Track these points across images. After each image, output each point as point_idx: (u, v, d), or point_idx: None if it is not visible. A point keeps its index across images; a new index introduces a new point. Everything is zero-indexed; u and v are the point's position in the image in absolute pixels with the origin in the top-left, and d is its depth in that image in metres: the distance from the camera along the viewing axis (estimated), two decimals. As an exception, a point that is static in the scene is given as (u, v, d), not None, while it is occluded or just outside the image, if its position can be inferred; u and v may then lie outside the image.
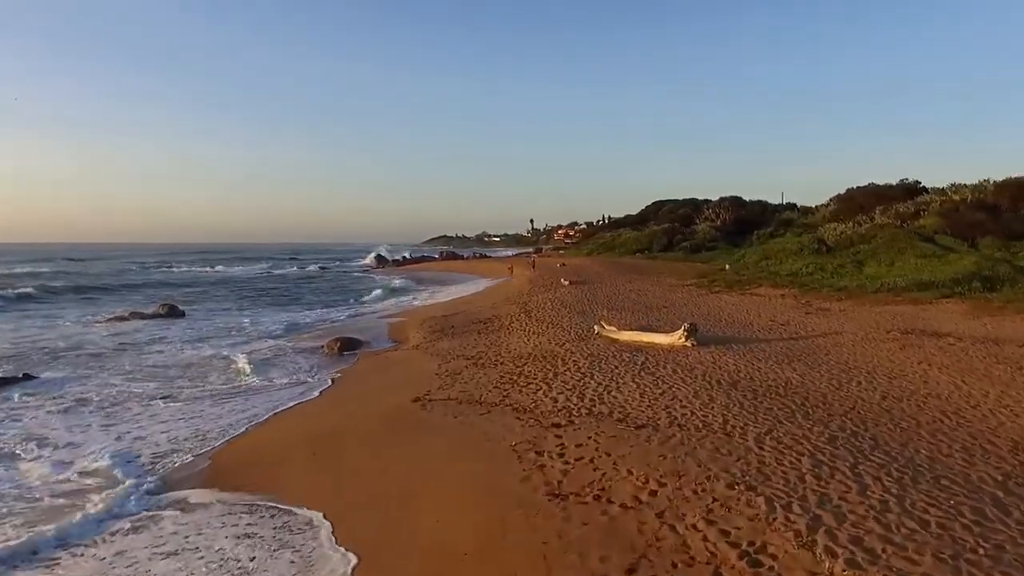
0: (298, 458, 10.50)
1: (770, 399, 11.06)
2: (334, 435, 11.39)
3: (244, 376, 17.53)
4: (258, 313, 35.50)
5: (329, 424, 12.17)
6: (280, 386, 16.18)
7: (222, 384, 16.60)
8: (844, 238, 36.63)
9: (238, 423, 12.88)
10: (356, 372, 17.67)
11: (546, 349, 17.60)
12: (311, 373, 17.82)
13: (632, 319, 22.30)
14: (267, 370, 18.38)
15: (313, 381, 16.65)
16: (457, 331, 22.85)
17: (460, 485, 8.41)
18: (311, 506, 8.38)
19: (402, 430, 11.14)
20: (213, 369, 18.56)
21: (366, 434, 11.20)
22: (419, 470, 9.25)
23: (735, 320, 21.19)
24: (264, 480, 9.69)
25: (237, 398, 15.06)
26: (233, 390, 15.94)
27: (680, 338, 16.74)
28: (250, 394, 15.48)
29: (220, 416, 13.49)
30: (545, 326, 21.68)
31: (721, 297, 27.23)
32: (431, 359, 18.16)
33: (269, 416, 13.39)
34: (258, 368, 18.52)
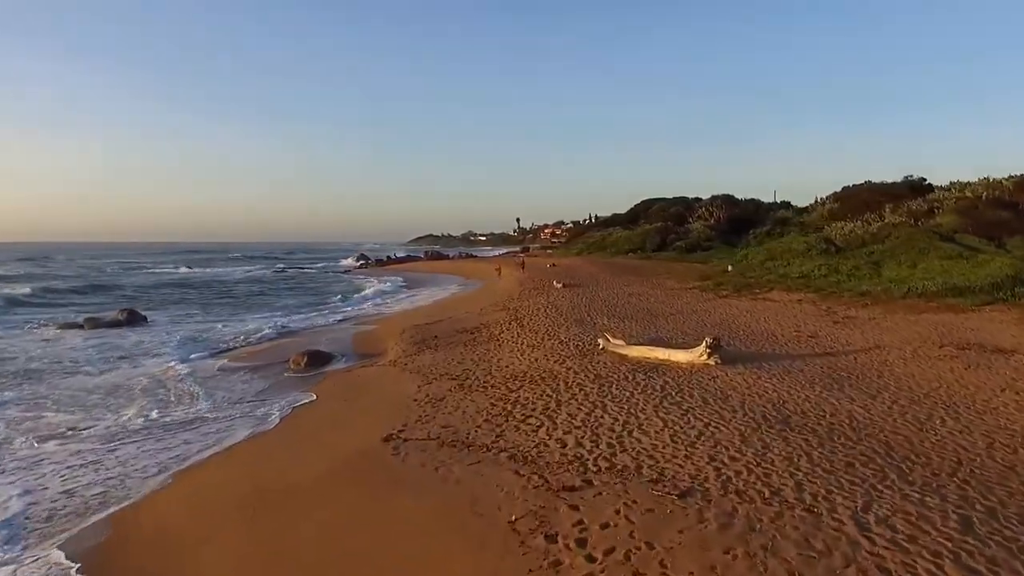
0: (227, 530, 7.87)
1: (842, 447, 8.57)
2: (279, 493, 8.75)
3: (186, 402, 14.80)
4: (226, 319, 32.73)
5: (275, 475, 9.51)
6: (226, 417, 13.44)
7: (156, 413, 13.84)
8: (854, 238, 34.43)
9: (159, 471, 10.18)
10: (320, 397, 14.99)
11: (544, 367, 15.05)
12: (267, 398, 15.12)
13: (638, 329, 19.81)
14: (216, 393, 15.68)
15: (267, 410, 13.94)
16: (440, 342, 20.24)
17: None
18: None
19: (366, 487, 8.53)
20: (150, 392, 15.79)
21: (319, 494, 8.56)
22: (381, 560, 6.66)
23: (755, 331, 18.76)
24: (171, 567, 7.06)
25: (169, 433, 12.33)
26: (167, 422, 13.20)
27: (702, 355, 14.25)
28: (187, 427, 12.75)
29: (135, 460, 10.76)
30: (540, 337, 19.13)
31: (731, 302, 24.83)
32: (410, 378, 15.56)
33: (203, 460, 10.72)
34: (207, 391, 15.83)
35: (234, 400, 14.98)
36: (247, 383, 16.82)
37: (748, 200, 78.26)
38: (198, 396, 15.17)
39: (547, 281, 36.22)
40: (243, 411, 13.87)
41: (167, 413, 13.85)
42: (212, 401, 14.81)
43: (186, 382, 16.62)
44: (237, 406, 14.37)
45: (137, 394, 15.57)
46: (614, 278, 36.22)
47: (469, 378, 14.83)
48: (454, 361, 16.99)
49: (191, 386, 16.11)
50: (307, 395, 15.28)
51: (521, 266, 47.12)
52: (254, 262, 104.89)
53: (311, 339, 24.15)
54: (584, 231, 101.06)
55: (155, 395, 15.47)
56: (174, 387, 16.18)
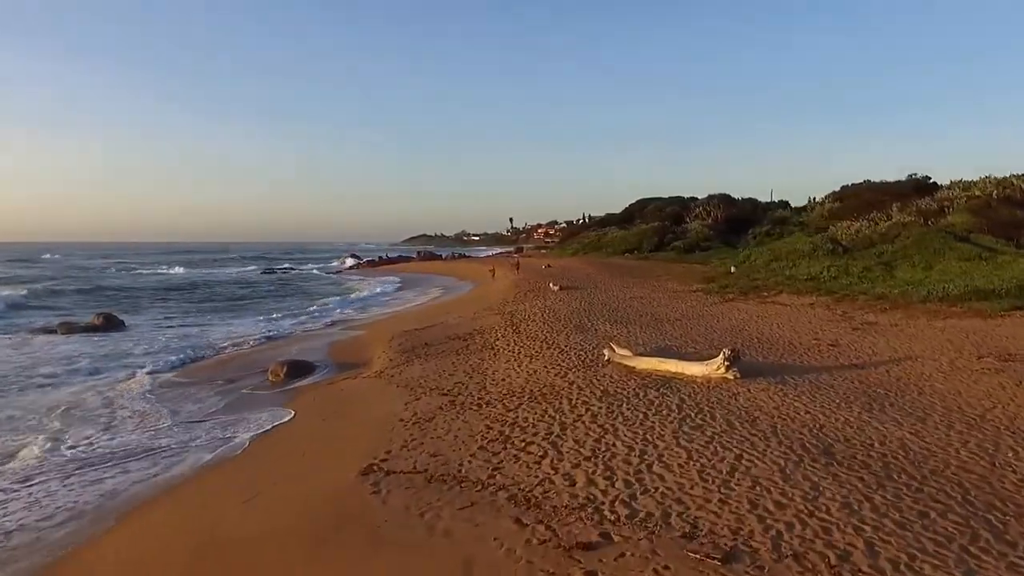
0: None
1: (907, 488, 7.20)
2: (230, 550, 7.30)
3: (142, 423, 13.28)
4: (209, 323, 31.21)
5: (230, 524, 8.05)
6: (185, 442, 11.91)
7: (106, 436, 12.30)
8: (862, 238, 33.21)
9: (78, 518, 8.66)
10: (298, 414, 13.55)
11: (544, 381, 13.65)
12: (239, 416, 13.64)
13: (643, 336, 18.44)
14: (182, 410, 14.22)
15: (235, 431, 12.46)
16: (431, 350, 18.82)
17: None
18: None
19: (337, 546, 7.08)
20: (103, 410, 14.23)
21: (281, 553, 7.11)
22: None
23: (770, 338, 17.41)
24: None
25: (111, 463, 10.80)
26: (113, 448, 11.66)
27: (719, 368, 12.87)
28: (134, 455, 11.16)
29: (54, 503, 9.19)
30: (538, 345, 17.73)
31: (738, 306, 23.50)
32: (396, 393, 14.15)
33: (144, 500, 9.23)
34: (171, 408, 14.36)
35: (200, 418, 13.49)
36: (219, 397, 15.34)
37: (745, 199, 77.22)
38: (159, 415, 13.66)
39: (543, 283, 34.82)
40: (208, 433, 12.36)
41: (116, 436, 12.29)
42: (173, 421, 13.30)
43: (148, 398, 15.14)
44: (202, 426, 12.88)
45: (87, 412, 14.00)
46: (613, 280, 34.86)
47: (462, 393, 13.42)
48: (445, 373, 15.58)
49: (153, 403, 14.63)
50: (283, 412, 13.83)
51: (516, 267, 45.72)
52: (247, 263, 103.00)
53: (294, 346, 22.69)
54: (579, 231, 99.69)
55: (108, 414, 13.90)
56: (132, 404, 14.65)
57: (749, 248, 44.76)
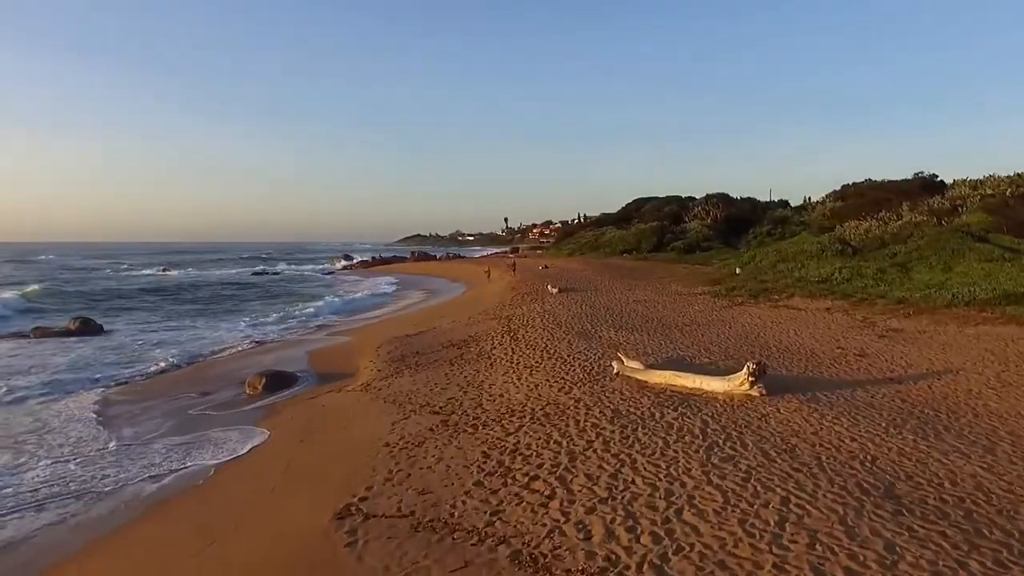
0: None
1: (1005, 548, 5.84)
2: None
3: (79, 450, 11.77)
4: (191, 328, 29.73)
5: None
6: (134, 473, 10.47)
7: (37, 472, 10.82)
8: (872, 238, 31.94)
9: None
10: (272, 436, 12.15)
11: (547, 397, 12.27)
12: (205, 438, 12.20)
13: (651, 344, 17.09)
14: (138, 432, 12.76)
15: (198, 457, 11.05)
16: (423, 359, 17.43)
17: None
18: None
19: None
20: (24, 436, 12.69)
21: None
22: None
23: (789, 347, 16.08)
24: None
25: (22, 510, 9.32)
26: (28, 484, 10.17)
27: (742, 383, 11.52)
28: (61, 495, 9.74)
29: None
30: (539, 355, 16.35)
31: (749, 311, 22.16)
32: (383, 410, 12.76)
33: (76, 553, 7.81)
34: (127, 430, 12.92)
35: (157, 442, 12.03)
36: (185, 415, 13.90)
37: (744, 199, 76.04)
38: (102, 439, 12.16)
39: (541, 285, 33.44)
40: (163, 461, 10.89)
41: (35, 467, 10.82)
42: (122, 445, 11.81)
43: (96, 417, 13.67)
44: (156, 452, 11.39)
45: (9, 436, 12.50)
46: (614, 282, 33.50)
47: (455, 411, 12.04)
48: (438, 386, 14.19)
49: (96, 424, 13.16)
50: (257, 433, 12.44)
51: (512, 268, 44.29)
52: (241, 264, 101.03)
53: (277, 353, 21.27)
54: (574, 231, 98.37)
55: (37, 439, 12.38)
56: (70, 425, 13.15)
57: (752, 248, 43.46)
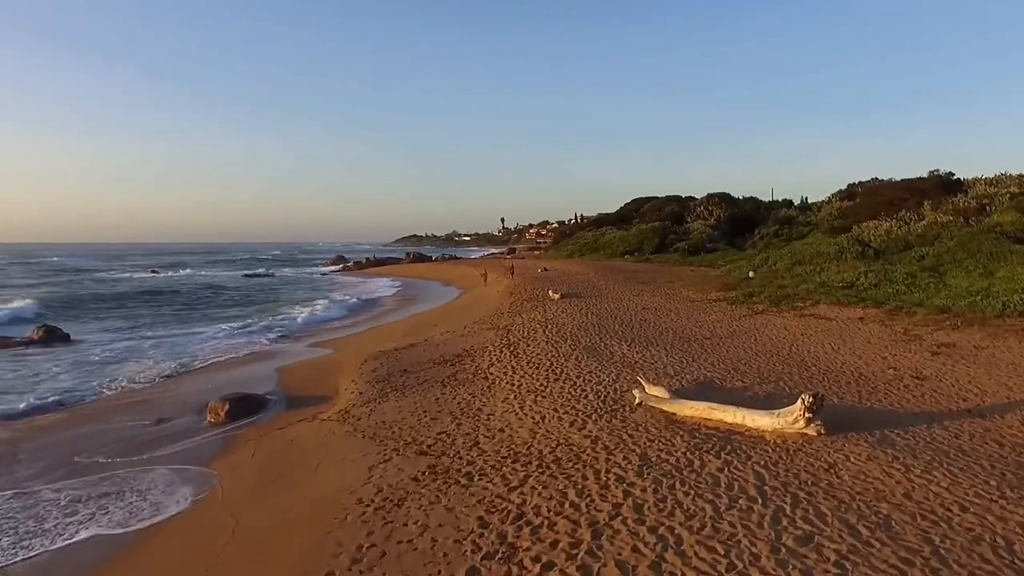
0: None
1: None
2: None
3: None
4: (164, 336, 27.60)
5: None
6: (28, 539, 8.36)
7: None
8: (894, 239, 29.96)
9: None
10: (218, 484, 10.05)
11: (556, 434, 10.18)
12: (136, 487, 10.07)
13: (669, 360, 15.01)
14: (38, 475, 10.63)
15: (120, 517, 8.92)
16: (411, 379, 15.35)
17: None
18: None
19: None
20: None
21: None
22: None
23: (830, 366, 14.03)
24: None
25: None
26: None
27: (796, 420, 9.45)
28: None
29: None
30: (543, 375, 14.26)
31: (773, 320, 20.10)
32: (360, 448, 10.70)
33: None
34: (28, 472, 10.79)
35: (66, 489, 9.90)
36: (126, 450, 11.74)
37: (747, 199, 74.24)
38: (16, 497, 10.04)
39: (541, 290, 31.35)
40: (60, 522, 8.78)
41: None
42: (20, 494, 9.72)
43: (15, 449, 11.55)
44: (55, 508, 9.28)
45: None
46: (619, 286, 31.41)
47: (447, 452, 9.96)
48: (427, 415, 12.12)
49: (13, 462, 11.04)
50: (202, 479, 10.33)
51: (510, 271, 42.03)
52: (235, 266, 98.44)
53: (252, 368, 19.17)
54: (573, 231, 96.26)
55: None
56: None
57: (764, 250, 41.44)
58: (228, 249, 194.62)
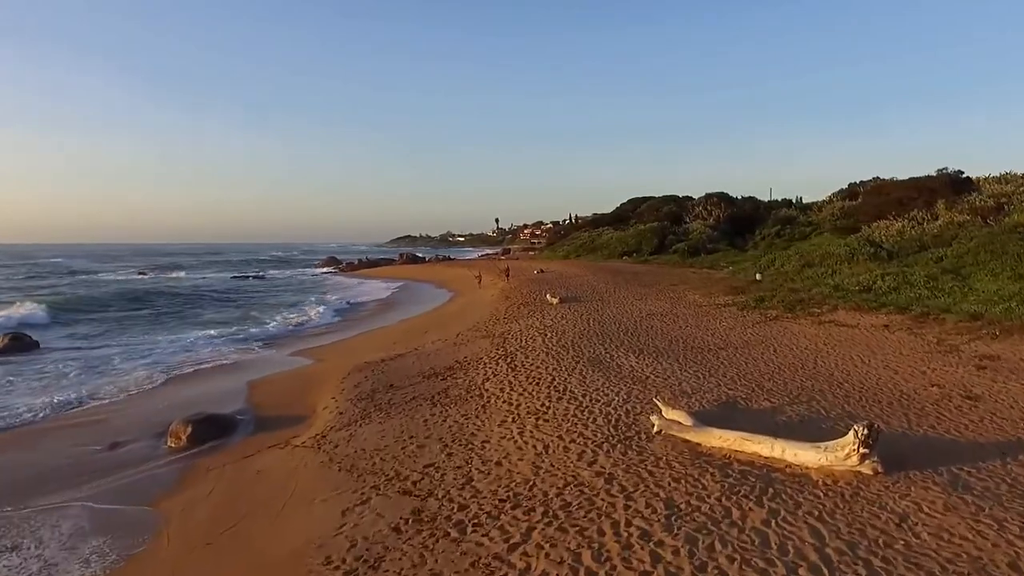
0: None
1: None
2: None
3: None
4: (138, 344, 25.92)
5: None
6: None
7: None
8: (908, 239, 28.60)
9: None
10: (166, 528, 8.50)
11: (563, 470, 8.69)
12: (59, 542, 8.50)
13: (683, 375, 13.53)
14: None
15: None
16: (397, 396, 13.84)
17: None
18: None
19: None
20: None
21: None
22: None
23: (864, 383, 12.57)
24: None
25: None
26: None
27: (848, 455, 7.96)
28: None
29: None
30: (544, 392, 12.76)
31: (790, 327, 18.65)
32: (334, 485, 9.20)
33: None
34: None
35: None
36: (64, 483, 10.12)
37: (746, 198, 72.96)
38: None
39: (538, 293, 29.85)
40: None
41: None
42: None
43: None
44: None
45: None
46: (620, 290, 29.93)
47: (434, 491, 8.48)
48: (413, 441, 10.61)
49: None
50: (142, 525, 8.79)
51: (505, 274, 40.52)
52: (228, 267, 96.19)
53: (226, 381, 17.60)
54: (569, 232, 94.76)
55: None
56: None
57: (766, 251, 40.05)
58: (226, 250, 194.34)
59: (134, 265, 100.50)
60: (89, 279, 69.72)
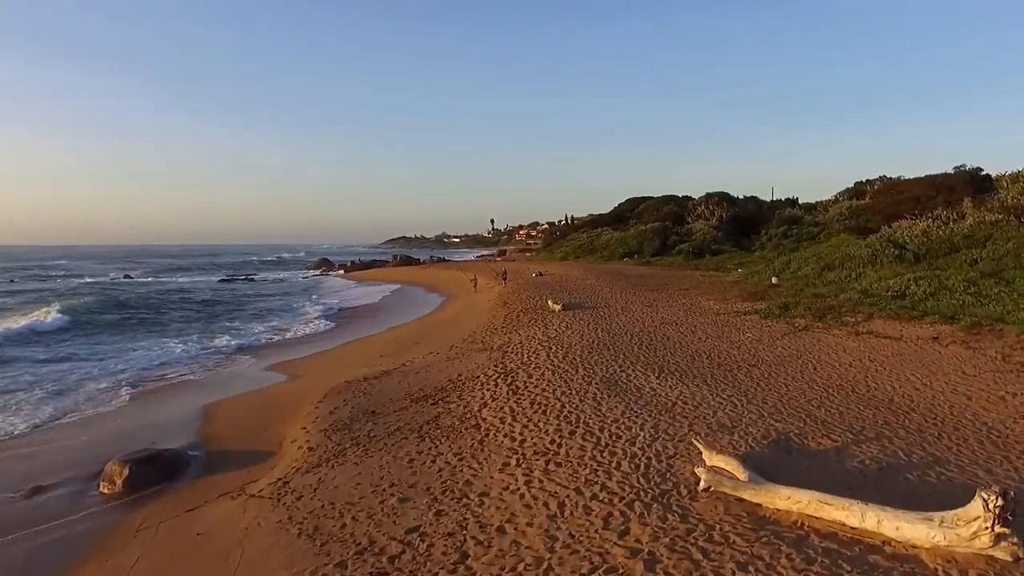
0: None
1: None
2: None
3: None
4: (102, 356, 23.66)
5: None
6: None
7: None
8: (936, 240, 26.60)
9: None
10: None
11: (587, 545, 6.61)
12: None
13: (718, 402, 11.45)
14: None
15: None
16: (379, 427, 11.76)
17: None
18: None
19: None
20: None
21: None
22: None
23: (936, 413, 10.53)
24: None
25: None
26: None
27: (976, 533, 5.90)
28: None
29: None
30: (553, 424, 10.67)
31: (824, 339, 16.61)
32: (287, 561, 7.16)
33: None
34: None
35: None
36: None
37: (748, 198, 71.16)
38: None
39: (538, 298, 27.74)
40: None
41: None
42: None
43: None
44: None
45: None
46: (626, 295, 27.86)
47: (418, 574, 6.37)
48: (395, 493, 8.53)
49: None
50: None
51: (502, 277, 38.32)
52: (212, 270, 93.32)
53: (179, 406, 15.42)
54: (567, 232, 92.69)
55: None
56: None
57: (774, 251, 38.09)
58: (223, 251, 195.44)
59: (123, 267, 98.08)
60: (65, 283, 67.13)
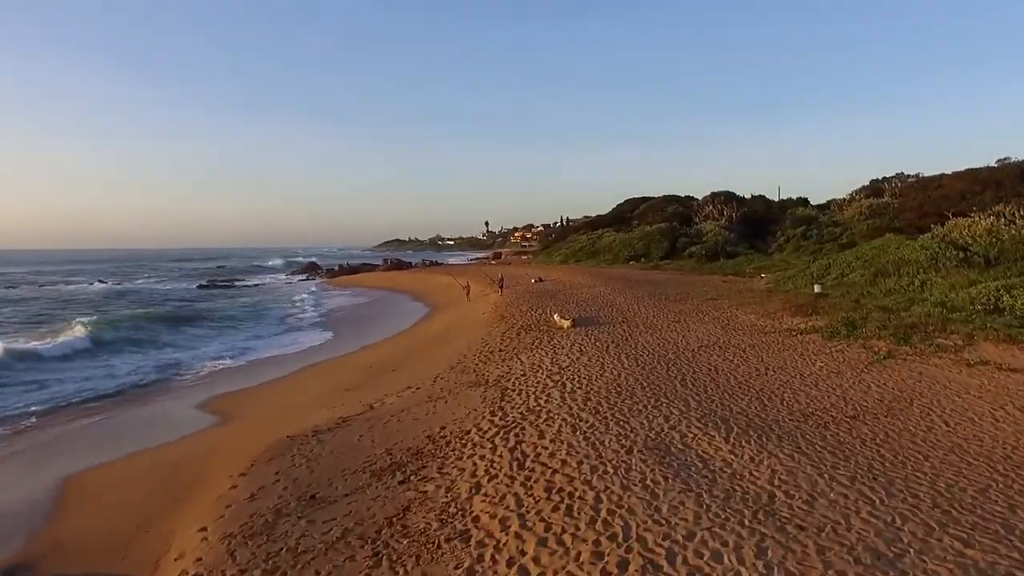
0: None
1: None
2: None
3: None
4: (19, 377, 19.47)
5: None
6: None
7: None
8: (1011, 242, 22.65)
9: None
10: None
11: None
12: None
13: (831, 489, 7.37)
14: None
15: None
16: (316, 528, 7.71)
17: None
18: None
19: None
20: None
21: None
22: None
23: None
24: None
25: None
26: None
27: None
28: None
29: None
30: (584, 532, 6.58)
31: (929, 373, 12.56)
32: None
33: None
34: None
35: None
36: None
37: (756, 197, 67.30)
38: None
39: (541, 310, 23.61)
40: None
41: None
42: None
43: None
44: None
45: None
46: (642, 305, 23.76)
47: None
48: None
49: None
50: None
51: (499, 285, 33.77)
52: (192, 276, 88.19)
53: (36, 470, 11.20)
54: (565, 234, 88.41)
55: None
56: None
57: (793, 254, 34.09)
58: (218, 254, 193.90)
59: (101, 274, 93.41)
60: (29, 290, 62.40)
